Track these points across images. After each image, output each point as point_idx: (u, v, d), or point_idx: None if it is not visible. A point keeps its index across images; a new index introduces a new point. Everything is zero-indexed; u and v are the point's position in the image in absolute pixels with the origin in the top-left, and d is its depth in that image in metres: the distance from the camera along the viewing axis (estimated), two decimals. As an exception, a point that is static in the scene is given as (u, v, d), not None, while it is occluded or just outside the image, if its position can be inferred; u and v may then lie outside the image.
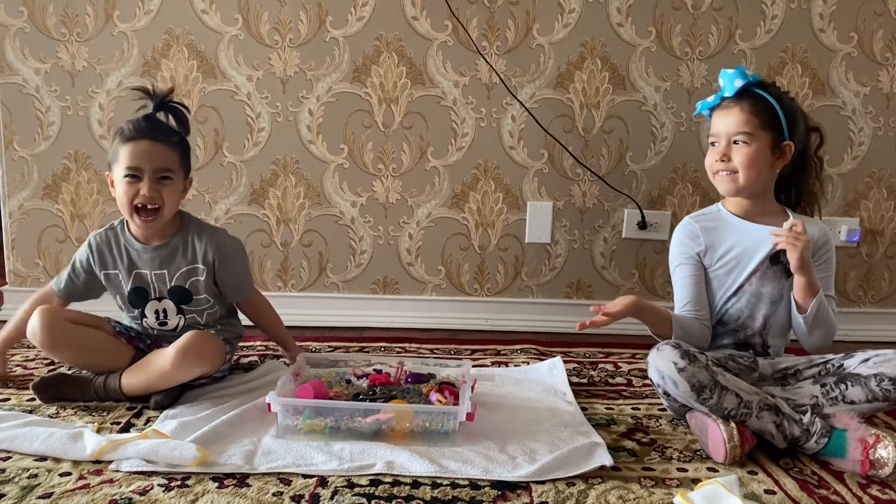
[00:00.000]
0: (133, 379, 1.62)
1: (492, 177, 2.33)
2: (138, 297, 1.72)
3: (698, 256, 1.70)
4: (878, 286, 2.40)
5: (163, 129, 1.66)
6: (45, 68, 2.24)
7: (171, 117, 1.70)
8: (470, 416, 1.44)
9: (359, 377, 1.67)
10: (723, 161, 1.62)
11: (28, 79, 2.25)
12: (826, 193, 1.70)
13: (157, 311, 1.72)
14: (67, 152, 2.29)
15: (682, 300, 1.69)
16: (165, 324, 1.74)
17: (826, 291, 1.63)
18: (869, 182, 2.34)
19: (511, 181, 2.33)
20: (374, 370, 1.70)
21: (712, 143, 1.66)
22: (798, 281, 1.57)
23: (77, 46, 2.23)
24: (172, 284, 1.70)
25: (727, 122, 1.62)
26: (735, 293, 1.67)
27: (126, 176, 1.61)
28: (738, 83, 1.61)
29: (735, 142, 1.61)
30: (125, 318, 1.79)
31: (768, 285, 1.64)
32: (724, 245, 1.68)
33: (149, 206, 1.62)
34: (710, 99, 1.66)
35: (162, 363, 1.58)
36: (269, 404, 1.46)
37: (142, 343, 1.75)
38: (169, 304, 1.72)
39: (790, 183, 1.70)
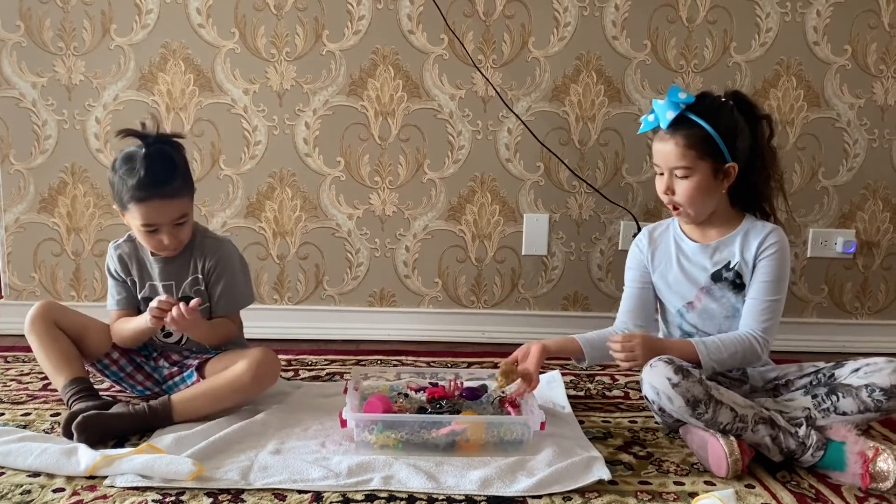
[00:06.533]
0: (191, 402, 1.59)
1: (488, 189, 2.33)
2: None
3: (645, 268, 1.71)
4: (874, 297, 2.40)
5: (166, 177, 1.60)
6: (42, 82, 2.25)
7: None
8: (542, 426, 1.45)
9: (416, 391, 1.68)
10: (667, 194, 1.59)
11: (25, 92, 2.25)
12: (783, 183, 1.65)
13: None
14: (64, 166, 2.29)
15: (623, 311, 1.73)
16: (170, 335, 1.74)
17: (762, 296, 1.56)
18: (864, 194, 2.35)
19: (507, 193, 2.34)
20: (430, 383, 1.72)
21: (657, 172, 1.61)
22: None
23: (74, 60, 2.24)
24: (179, 296, 1.69)
25: (665, 156, 1.56)
26: (686, 308, 1.66)
27: (143, 229, 1.62)
28: (671, 115, 1.52)
29: (676, 175, 1.56)
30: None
31: (716, 303, 1.62)
32: (667, 261, 1.67)
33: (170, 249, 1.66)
34: (651, 118, 1.57)
35: (235, 379, 1.58)
36: (343, 420, 1.45)
37: (139, 356, 1.75)
38: None
39: (744, 184, 1.61)
